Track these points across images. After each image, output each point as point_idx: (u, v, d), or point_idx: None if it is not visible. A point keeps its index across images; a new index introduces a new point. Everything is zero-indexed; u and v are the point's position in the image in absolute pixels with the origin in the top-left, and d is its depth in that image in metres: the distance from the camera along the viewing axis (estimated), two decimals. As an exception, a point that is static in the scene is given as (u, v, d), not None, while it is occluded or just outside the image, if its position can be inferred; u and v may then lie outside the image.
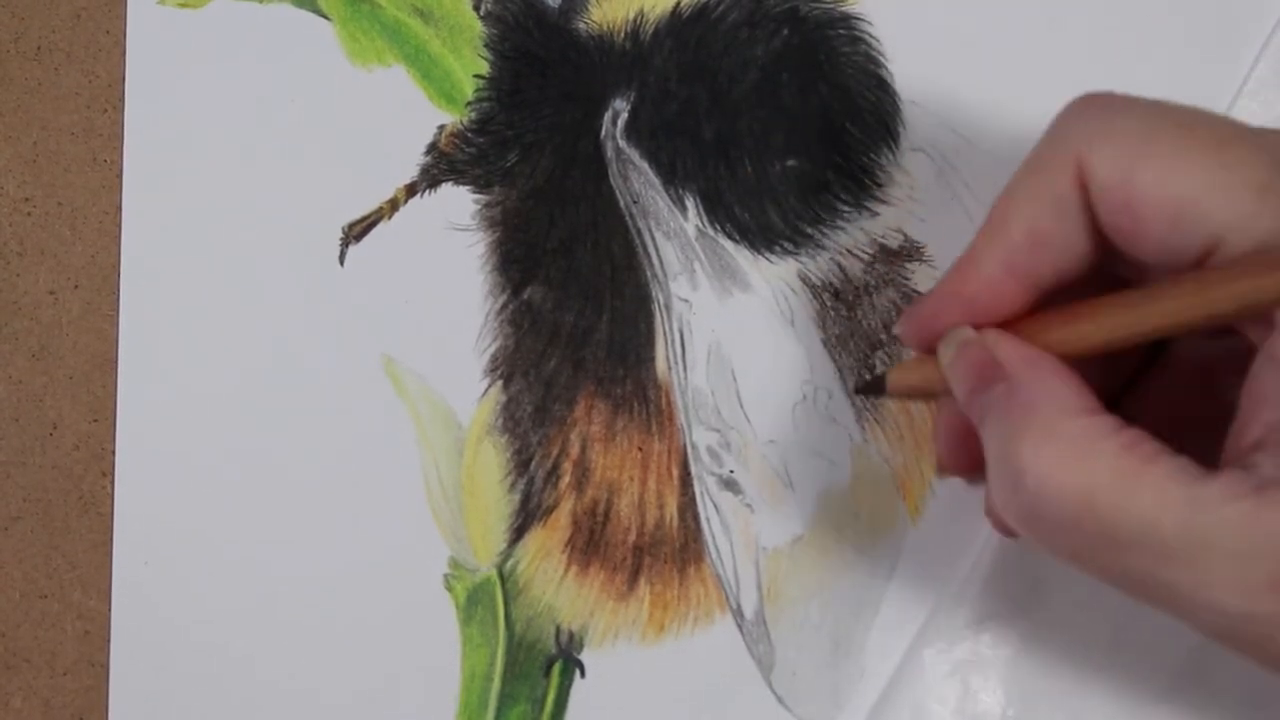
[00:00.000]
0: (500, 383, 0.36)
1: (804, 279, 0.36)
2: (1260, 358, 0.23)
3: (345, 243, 0.37)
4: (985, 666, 0.33)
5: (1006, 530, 0.27)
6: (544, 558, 0.35)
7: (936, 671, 0.33)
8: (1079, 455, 0.23)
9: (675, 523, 0.35)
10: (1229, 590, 0.22)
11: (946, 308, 0.26)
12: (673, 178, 0.36)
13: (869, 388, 0.30)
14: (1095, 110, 0.25)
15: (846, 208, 0.36)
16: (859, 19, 0.36)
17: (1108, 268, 0.26)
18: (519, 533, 0.35)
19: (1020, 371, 0.24)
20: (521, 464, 0.36)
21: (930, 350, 0.28)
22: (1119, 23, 0.37)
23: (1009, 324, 0.26)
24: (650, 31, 0.37)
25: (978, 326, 0.26)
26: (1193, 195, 0.23)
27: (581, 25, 0.37)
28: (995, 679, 0.33)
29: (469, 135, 0.37)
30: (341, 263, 0.37)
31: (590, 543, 0.35)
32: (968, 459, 0.27)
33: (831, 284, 0.36)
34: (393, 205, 0.37)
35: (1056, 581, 0.33)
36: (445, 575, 0.35)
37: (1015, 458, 0.23)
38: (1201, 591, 0.22)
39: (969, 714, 0.33)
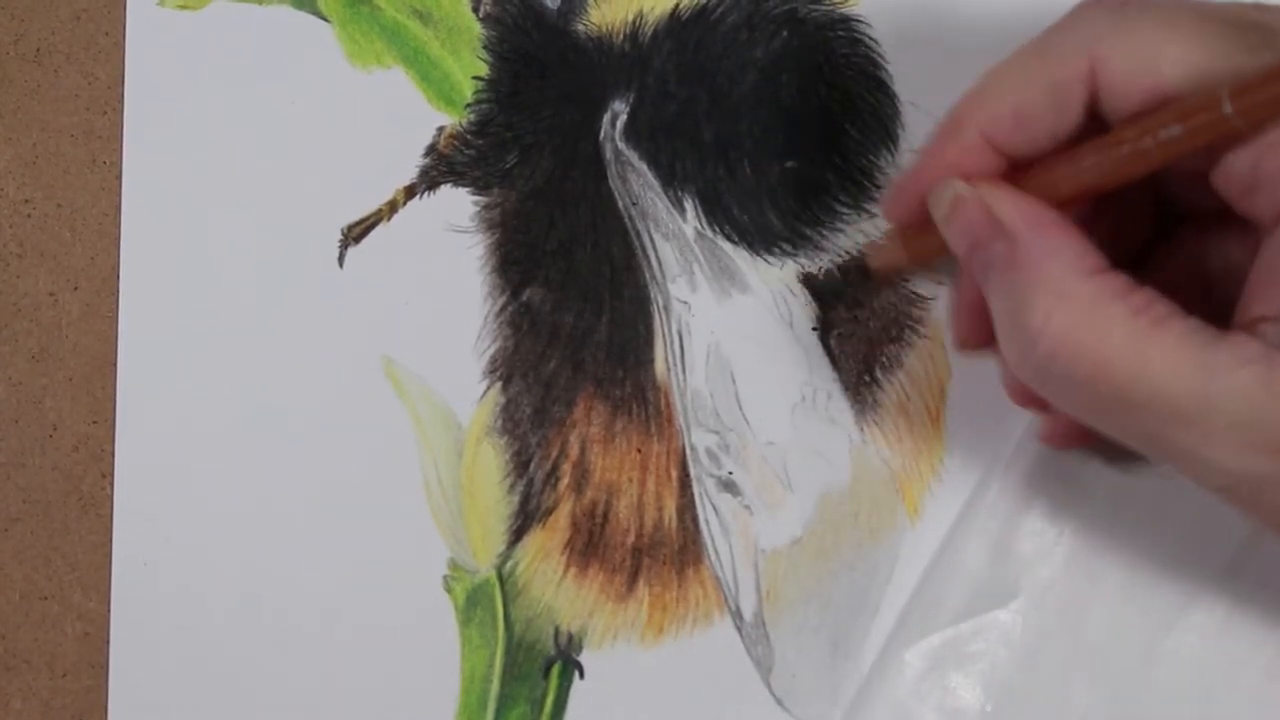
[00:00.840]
0: (499, 384, 0.36)
1: (803, 280, 0.36)
2: (1274, 239, 0.24)
3: (345, 244, 0.37)
4: (964, 662, 0.33)
5: (1025, 400, 0.28)
6: (543, 559, 0.35)
7: (915, 668, 0.33)
8: (1091, 319, 0.23)
9: (674, 524, 0.35)
10: (1234, 452, 0.22)
11: (929, 175, 0.27)
12: (672, 179, 0.36)
13: (852, 274, 0.31)
14: (1110, 7, 0.25)
15: (845, 209, 0.36)
16: (858, 20, 0.36)
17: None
18: (518, 534, 0.35)
19: (1021, 229, 0.25)
20: (521, 465, 0.36)
21: (915, 224, 0.28)
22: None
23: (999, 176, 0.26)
24: (649, 33, 0.37)
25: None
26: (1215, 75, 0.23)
27: (580, 27, 0.37)
28: (974, 675, 0.33)
29: (468, 137, 0.37)
30: (341, 264, 0.37)
31: (589, 544, 0.35)
32: (988, 333, 0.27)
33: (831, 285, 0.36)
34: (392, 207, 0.37)
35: (1035, 577, 0.33)
36: (445, 576, 0.35)
37: (1026, 322, 0.24)
38: (1208, 451, 0.23)
39: (948, 710, 0.33)
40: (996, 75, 0.26)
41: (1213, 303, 0.25)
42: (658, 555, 0.35)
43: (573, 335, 0.36)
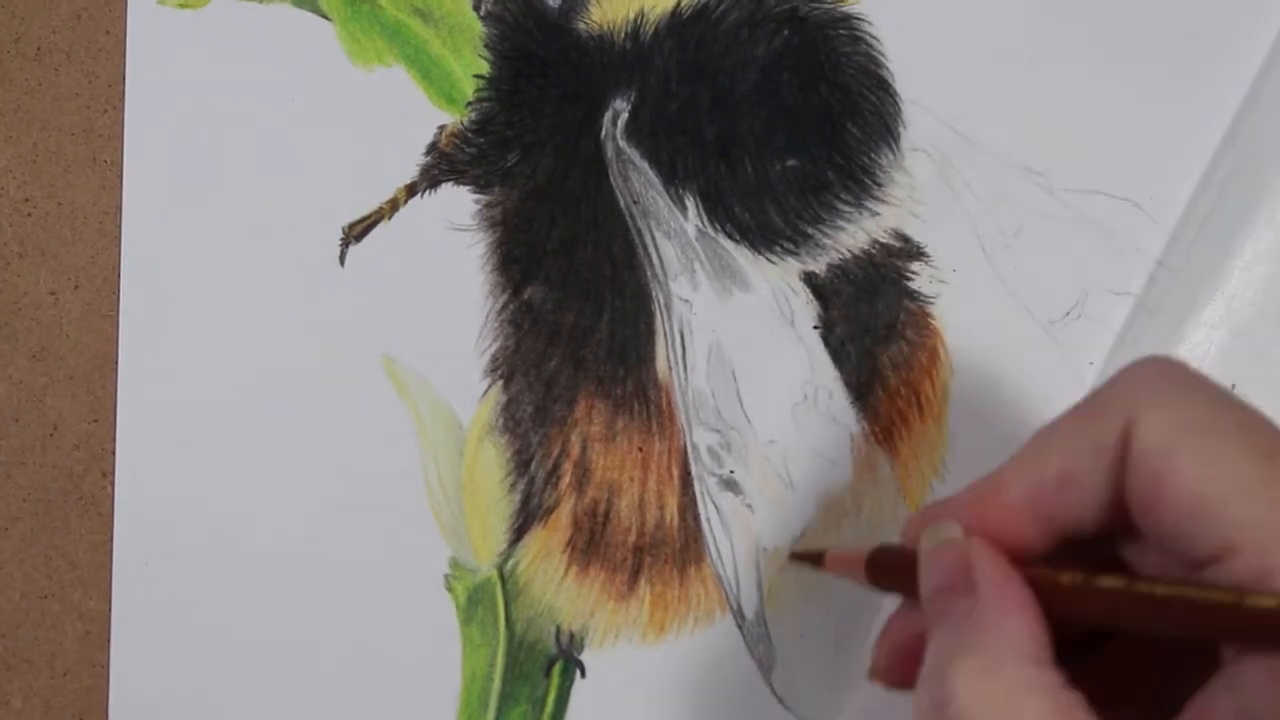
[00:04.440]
0: (501, 383, 0.36)
1: (804, 279, 0.36)
2: (1220, 679, 0.23)
3: (345, 243, 0.37)
4: None
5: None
6: (544, 558, 0.35)
7: None
8: (1010, 701, 0.23)
9: (676, 523, 0.35)
10: None
11: (962, 522, 0.26)
12: (673, 177, 0.36)
13: (804, 557, 0.30)
14: (1161, 374, 0.25)
15: (847, 207, 0.36)
16: (859, 19, 0.36)
17: (1123, 534, 0.26)
18: (519, 533, 0.35)
19: (988, 596, 0.24)
20: (522, 464, 0.36)
21: (891, 557, 0.27)
22: (1120, 22, 0.37)
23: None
24: (650, 31, 0.37)
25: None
26: (1222, 495, 0.23)
27: (581, 25, 0.37)
28: None
29: (469, 135, 0.37)
30: (341, 263, 0.37)
31: (590, 543, 0.35)
32: (905, 676, 0.27)
33: (832, 283, 0.36)
34: (393, 205, 0.37)
35: None
36: (445, 575, 0.35)
37: (950, 678, 0.23)
38: None
39: None
40: (1043, 435, 0.26)
41: (1151, 703, 0.25)
42: (659, 554, 0.35)
43: (574, 334, 0.36)
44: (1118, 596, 0.24)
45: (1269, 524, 0.22)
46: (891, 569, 0.27)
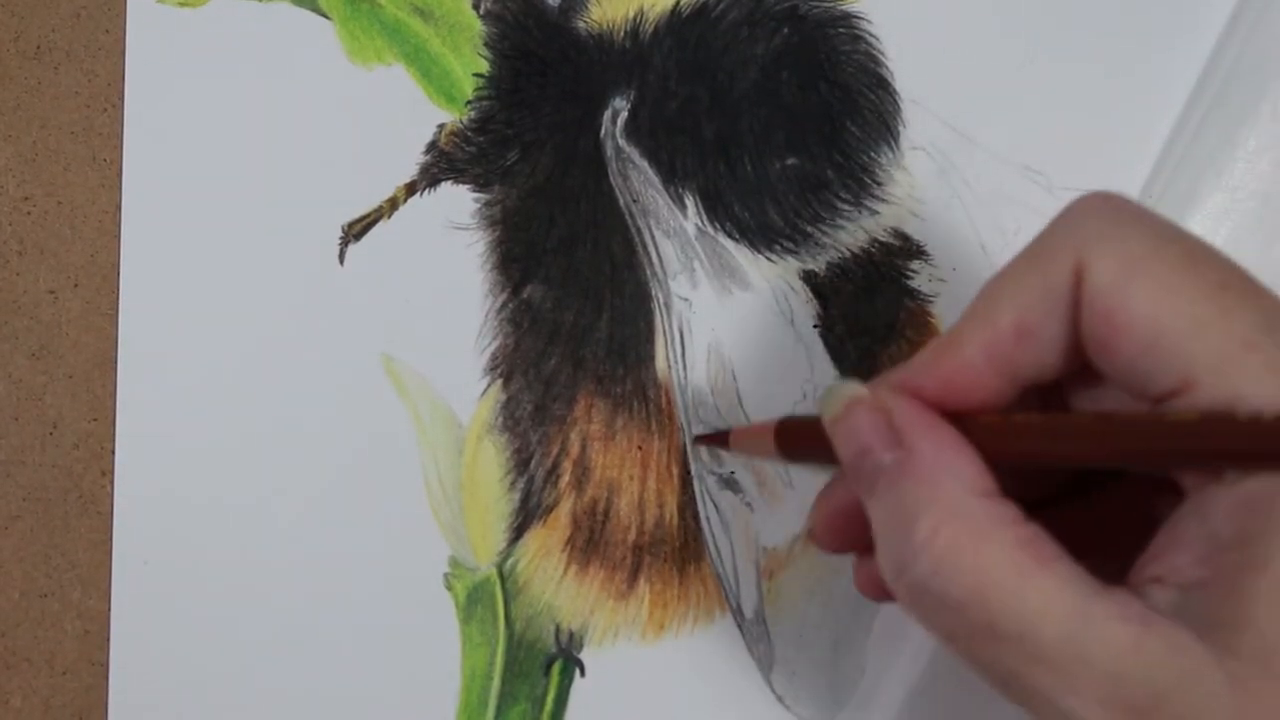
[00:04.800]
0: (500, 381, 0.36)
1: (804, 277, 0.36)
2: (1189, 505, 0.23)
3: (345, 242, 0.37)
4: None
5: (880, 596, 0.27)
6: (544, 557, 0.35)
7: None
8: (976, 542, 0.22)
9: (675, 522, 0.35)
10: (1089, 704, 0.21)
11: (921, 382, 0.25)
12: (672, 176, 0.36)
13: (710, 439, 0.29)
14: (1105, 211, 0.24)
15: (846, 206, 0.36)
16: (859, 17, 0.36)
17: (1081, 379, 0.25)
18: (519, 532, 0.35)
19: (920, 441, 0.24)
20: (521, 463, 0.36)
21: (795, 423, 0.27)
22: (1120, 22, 0.37)
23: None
24: (650, 30, 0.37)
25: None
26: (1178, 328, 0.22)
27: (581, 24, 0.37)
28: None
29: (469, 134, 0.37)
30: (341, 262, 0.37)
31: (590, 542, 0.35)
32: (843, 539, 0.27)
33: (831, 282, 0.36)
34: (392, 204, 0.37)
35: None
36: (445, 574, 0.35)
37: (911, 534, 0.23)
38: (1065, 699, 0.22)
39: None
40: (993, 286, 0.25)
41: (1107, 554, 0.24)
42: (658, 553, 0.35)
43: (573, 332, 0.36)
44: (1041, 430, 0.23)
45: (1224, 355, 0.21)
46: (804, 438, 0.26)
